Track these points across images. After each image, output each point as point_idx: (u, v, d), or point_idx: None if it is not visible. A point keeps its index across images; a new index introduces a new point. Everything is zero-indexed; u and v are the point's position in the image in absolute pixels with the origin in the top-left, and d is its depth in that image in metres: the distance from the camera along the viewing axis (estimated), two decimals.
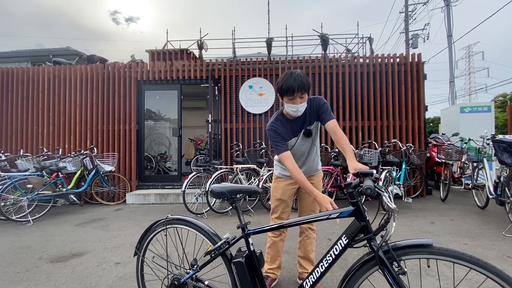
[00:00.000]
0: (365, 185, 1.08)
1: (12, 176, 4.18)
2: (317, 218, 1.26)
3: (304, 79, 1.66)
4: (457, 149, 4.90)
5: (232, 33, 8.50)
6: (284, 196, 2.03)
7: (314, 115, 1.84)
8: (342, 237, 1.19)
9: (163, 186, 5.98)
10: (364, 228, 1.16)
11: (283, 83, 1.68)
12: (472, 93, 33.52)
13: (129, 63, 6.32)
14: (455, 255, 1.02)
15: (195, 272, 1.43)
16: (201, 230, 1.46)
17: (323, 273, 1.22)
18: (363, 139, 5.64)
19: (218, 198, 1.45)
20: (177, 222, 1.52)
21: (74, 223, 4.13)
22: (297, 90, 1.65)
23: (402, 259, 1.07)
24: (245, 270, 1.31)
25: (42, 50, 10.71)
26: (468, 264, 1.00)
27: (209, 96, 5.74)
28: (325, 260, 1.21)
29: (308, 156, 1.96)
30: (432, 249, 1.05)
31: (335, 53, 8.54)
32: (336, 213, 1.22)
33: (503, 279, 0.95)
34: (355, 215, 1.19)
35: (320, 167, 2.09)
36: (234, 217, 4.24)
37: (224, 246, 1.37)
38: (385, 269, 1.08)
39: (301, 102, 1.70)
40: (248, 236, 1.36)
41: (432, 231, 3.43)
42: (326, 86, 5.79)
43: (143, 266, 1.66)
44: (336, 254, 1.19)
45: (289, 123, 1.86)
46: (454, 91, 10.75)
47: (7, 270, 2.53)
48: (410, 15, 14.23)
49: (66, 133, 5.99)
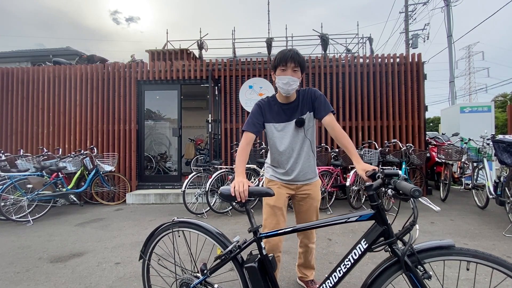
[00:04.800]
0: (412, 188, 0.98)
1: (12, 176, 4.18)
2: (335, 222, 1.21)
3: (299, 54, 1.62)
4: (457, 149, 4.90)
5: (232, 33, 8.50)
6: (279, 202, 1.76)
7: (307, 104, 1.71)
8: (361, 241, 1.14)
9: (163, 186, 5.98)
10: (385, 232, 1.10)
11: (278, 54, 1.63)
12: (472, 93, 33.56)
13: (129, 63, 6.32)
14: (478, 255, 0.99)
15: (205, 277, 1.39)
16: (210, 234, 1.41)
17: (341, 277, 1.17)
18: (363, 139, 5.64)
19: (227, 201, 1.38)
20: (184, 225, 1.45)
21: (74, 223, 4.13)
22: (290, 59, 1.58)
23: (426, 262, 1.03)
24: (258, 275, 1.26)
25: (42, 50, 10.72)
26: (492, 264, 0.98)
27: (209, 96, 5.75)
28: (343, 265, 1.16)
29: (300, 154, 1.74)
30: (455, 250, 1.02)
31: (335, 53, 8.54)
32: (355, 217, 1.17)
33: None
34: (375, 218, 1.14)
35: (317, 173, 1.86)
36: (234, 217, 4.24)
37: (235, 250, 1.32)
38: (411, 273, 1.03)
39: (293, 76, 1.60)
40: (260, 240, 1.30)
41: (432, 231, 3.43)
42: (326, 86, 5.79)
43: (149, 269, 1.62)
44: (355, 258, 1.14)
45: (279, 107, 1.73)
46: (454, 91, 10.76)
47: (7, 270, 2.53)
48: (410, 15, 14.24)
49: (66, 133, 5.99)
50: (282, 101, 1.73)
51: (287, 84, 1.60)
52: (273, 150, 1.79)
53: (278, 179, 1.80)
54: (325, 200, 4.63)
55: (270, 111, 1.73)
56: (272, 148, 1.80)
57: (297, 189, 1.81)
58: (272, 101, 1.75)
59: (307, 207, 1.82)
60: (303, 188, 1.80)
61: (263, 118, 1.73)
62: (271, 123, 1.74)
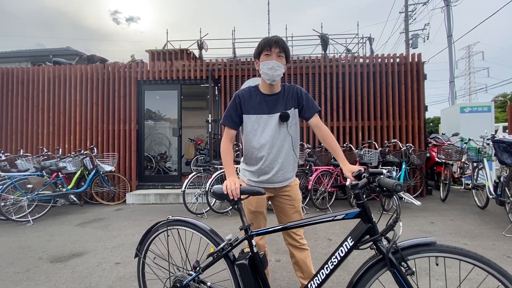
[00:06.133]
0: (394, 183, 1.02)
1: (12, 176, 4.18)
2: (322, 220, 1.23)
3: (284, 41, 1.56)
4: (457, 149, 4.90)
5: (232, 33, 8.51)
6: (260, 207, 1.69)
7: (292, 100, 1.62)
8: (347, 239, 1.17)
9: (163, 186, 5.98)
10: (370, 230, 1.14)
11: (262, 40, 1.56)
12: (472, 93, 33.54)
13: (129, 63, 6.32)
14: (461, 253, 1.03)
15: (198, 274, 1.41)
16: (203, 232, 1.44)
17: (328, 275, 1.20)
18: (363, 139, 5.64)
19: (220, 199, 1.42)
20: (178, 223, 1.50)
21: (74, 223, 4.13)
22: (275, 44, 1.51)
23: (409, 259, 1.08)
24: (249, 272, 1.28)
25: (42, 50, 10.71)
26: (473, 261, 1.01)
27: (209, 96, 5.74)
28: (330, 262, 1.20)
29: (281, 151, 1.62)
30: (438, 247, 1.06)
31: (335, 53, 8.55)
32: (342, 215, 1.20)
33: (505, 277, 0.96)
34: (361, 216, 1.17)
35: (295, 172, 1.74)
36: (234, 217, 4.24)
37: (226, 248, 1.35)
38: (395, 270, 1.07)
39: (278, 61, 1.52)
40: (251, 238, 1.33)
41: (432, 231, 3.43)
42: (326, 86, 5.79)
43: (144, 267, 1.66)
44: (342, 256, 1.17)
45: (262, 98, 1.62)
46: (454, 91, 10.75)
47: (7, 270, 2.53)
48: (410, 15, 14.24)
49: (66, 133, 5.99)
50: (265, 91, 1.62)
51: (272, 69, 1.51)
52: (250, 145, 1.64)
53: (257, 183, 1.68)
54: (325, 200, 4.63)
55: (249, 101, 1.62)
56: (248, 143, 1.65)
57: (276, 191, 1.71)
58: (254, 91, 1.65)
59: (287, 209, 1.71)
60: (282, 190, 1.70)
61: (241, 110, 1.62)
62: (250, 114, 1.61)
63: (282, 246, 2.90)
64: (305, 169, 4.70)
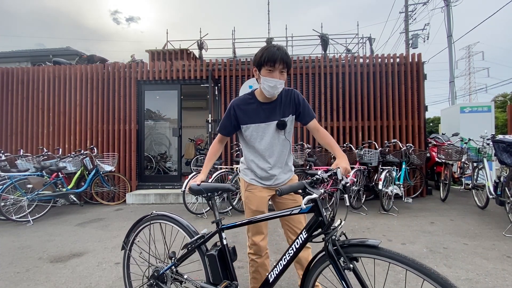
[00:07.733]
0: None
1: (12, 176, 4.18)
2: (282, 214, 1.32)
3: (288, 54, 1.50)
4: (457, 149, 4.90)
5: (232, 33, 8.51)
6: (261, 206, 1.71)
7: (290, 107, 1.63)
8: (302, 232, 1.25)
9: (163, 186, 5.98)
10: (321, 223, 1.21)
11: (265, 51, 1.48)
12: (472, 93, 33.52)
13: (129, 63, 6.32)
14: (394, 257, 1.03)
15: (173, 264, 1.52)
16: (182, 226, 1.57)
17: (286, 265, 1.28)
18: (363, 139, 5.64)
19: (195, 195, 1.54)
20: (160, 218, 1.65)
21: (74, 223, 4.13)
22: (279, 61, 1.45)
23: (354, 256, 1.12)
24: (217, 263, 1.39)
25: (42, 50, 10.72)
26: (405, 266, 1.01)
27: (209, 96, 5.75)
28: (287, 254, 1.27)
29: (281, 155, 1.68)
30: (380, 250, 1.07)
31: (335, 53, 8.55)
32: (298, 209, 1.26)
33: (438, 283, 0.93)
34: (314, 210, 1.23)
35: (293, 170, 1.80)
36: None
37: (199, 240, 1.46)
38: (332, 262, 1.14)
39: (280, 78, 1.49)
40: (222, 231, 1.44)
41: (432, 231, 3.43)
42: (326, 86, 5.79)
43: (130, 259, 1.81)
44: (297, 247, 1.25)
45: (259, 106, 1.62)
46: (454, 91, 10.76)
47: (7, 270, 2.53)
48: (410, 15, 14.24)
49: (66, 133, 5.99)
50: (262, 100, 1.62)
51: (274, 88, 1.51)
52: (249, 151, 1.71)
53: (259, 183, 1.72)
54: (325, 200, 4.63)
55: (245, 111, 1.63)
56: (247, 149, 1.72)
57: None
58: (249, 99, 1.64)
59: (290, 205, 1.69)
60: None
61: (236, 121, 1.65)
62: (248, 124, 1.63)
63: (282, 246, 2.90)
64: (305, 169, 4.70)
